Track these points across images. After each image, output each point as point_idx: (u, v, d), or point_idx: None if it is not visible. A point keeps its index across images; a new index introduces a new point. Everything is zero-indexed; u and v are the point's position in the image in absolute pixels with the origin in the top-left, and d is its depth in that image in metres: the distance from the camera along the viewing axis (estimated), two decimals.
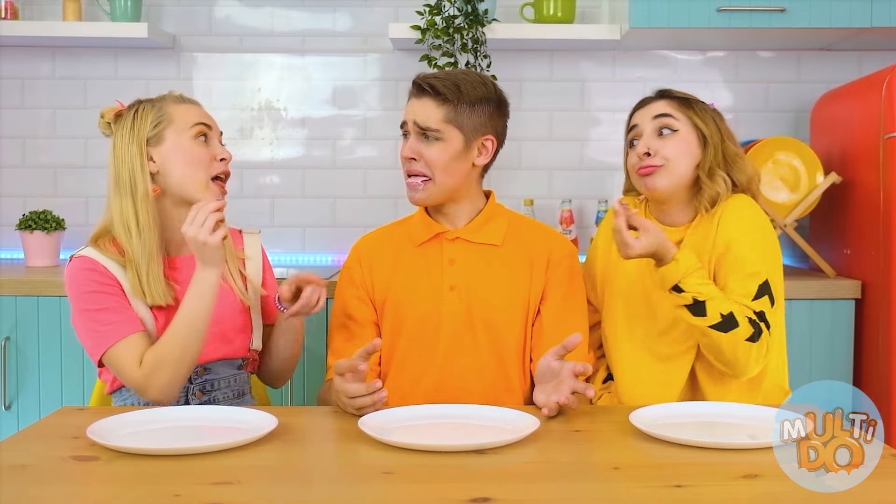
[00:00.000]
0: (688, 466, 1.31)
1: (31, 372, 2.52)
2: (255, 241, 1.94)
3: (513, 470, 1.31)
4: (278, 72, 3.06)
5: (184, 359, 1.66)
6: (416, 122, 1.83)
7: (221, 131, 1.85)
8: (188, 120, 1.77)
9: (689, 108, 1.90)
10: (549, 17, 2.84)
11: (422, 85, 1.84)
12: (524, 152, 3.05)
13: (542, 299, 1.89)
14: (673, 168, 1.86)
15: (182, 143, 1.76)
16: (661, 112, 1.89)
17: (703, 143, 1.88)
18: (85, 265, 1.73)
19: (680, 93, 1.94)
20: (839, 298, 2.54)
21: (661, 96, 1.94)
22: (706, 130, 1.88)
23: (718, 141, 1.89)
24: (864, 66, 2.99)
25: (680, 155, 1.87)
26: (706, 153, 1.87)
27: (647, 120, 1.90)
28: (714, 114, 1.92)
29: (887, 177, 2.44)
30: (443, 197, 1.88)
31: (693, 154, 1.88)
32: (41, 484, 1.25)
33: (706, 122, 1.89)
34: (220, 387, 1.82)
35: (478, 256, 1.89)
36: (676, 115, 1.89)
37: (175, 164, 1.75)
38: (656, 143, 1.87)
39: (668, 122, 1.88)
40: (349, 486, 1.26)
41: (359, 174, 3.05)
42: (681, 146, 1.87)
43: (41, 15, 3.00)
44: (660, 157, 1.86)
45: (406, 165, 1.86)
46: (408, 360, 1.87)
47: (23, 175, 3.05)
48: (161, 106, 1.79)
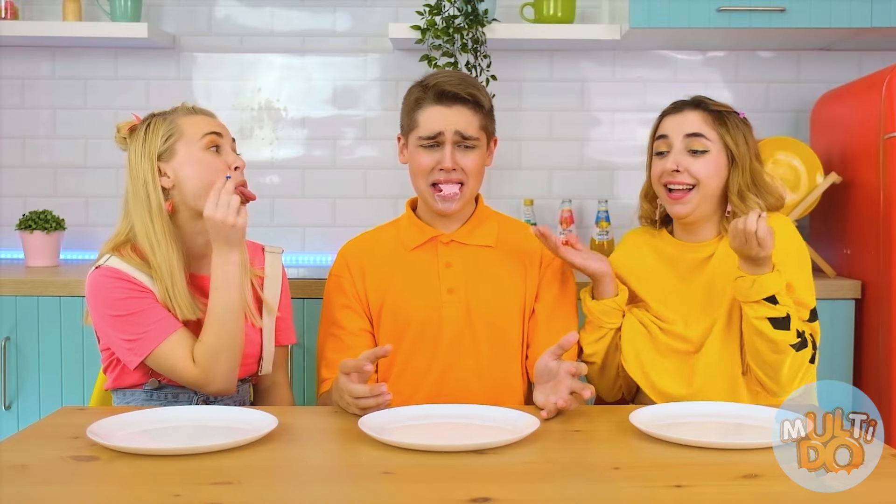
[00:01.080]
0: (688, 466, 1.31)
1: (31, 372, 2.52)
2: (277, 261, 1.90)
3: (513, 470, 1.31)
4: (278, 72, 3.06)
5: (235, 344, 1.68)
6: (459, 132, 1.82)
7: (234, 138, 1.82)
8: (198, 131, 1.75)
9: (722, 125, 1.87)
10: (549, 17, 2.84)
11: (459, 94, 1.82)
12: (524, 152, 3.05)
13: (536, 298, 1.90)
14: (702, 189, 1.85)
15: (193, 154, 1.73)
16: (693, 131, 1.86)
17: (731, 162, 1.86)
18: (111, 274, 1.70)
19: (715, 104, 1.90)
20: (839, 298, 2.53)
21: (696, 106, 1.90)
22: (736, 151, 1.86)
23: (748, 161, 1.87)
24: (864, 66, 2.99)
25: (710, 176, 1.85)
26: (734, 173, 1.86)
27: (679, 135, 1.87)
28: (745, 128, 1.89)
29: (887, 177, 2.44)
30: (469, 202, 1.89)
31: (722, 175, 1.86)
32: (41, 484, 1.26)
33: (737, 140, 1.87)
34: (223, 399, 1.79)
35: (473, 258, 1.89)
36: (709, 135, 1.86)
37: (188, 177, 1.72)
38: (686, 160, 1.85)
39: (701, 143, 1.86)
40: (349, 486, 1.26)
41: (359, 174, 3.05)
42: (710, 167, 1.85)
43: (41, 15, 3.00)
44: (689, 175, 1.85)
45: (443, 176, 1.83)
46: (409, 365, 1.86)
47: (23, 175, 3.05)
48: (172, 119, 1.77)
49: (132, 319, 1.68)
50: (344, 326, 1.88)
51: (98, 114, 3.04)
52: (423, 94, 1.85)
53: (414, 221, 1.92)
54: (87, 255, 2.98)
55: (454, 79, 1.85)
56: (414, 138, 1.86)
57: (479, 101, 1.84)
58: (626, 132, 3.05)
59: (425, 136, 1.84)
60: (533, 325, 1.89)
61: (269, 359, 1.85)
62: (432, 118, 1.83)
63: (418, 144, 1.85)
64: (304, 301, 2.38)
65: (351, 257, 1.93)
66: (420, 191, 1.89)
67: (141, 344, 1.67)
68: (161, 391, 1.76)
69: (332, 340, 1.88)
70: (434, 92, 1.83)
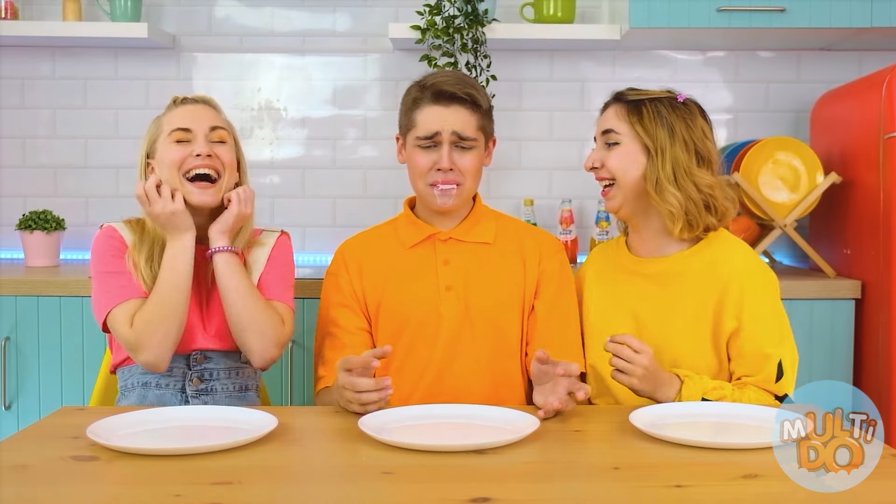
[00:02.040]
0: (688, 466, 1.31)
1: (31, 372, 2.52)
2: (271, 236, 1.93)
3: (513, 470, 1.31)
4: (278, 72, 3.06)
5: (172, 318, 1.72)
6: (456, 132, 1.82)
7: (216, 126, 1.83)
8: (168, 127, 1.82)
9: (636, 115, 1.80)
10: (549, 17, 2.84)
11: (457, 94, 1.82)
12: (524, 152, 3.05)
13: (536, 294, 1.90)
14: (621, 182, 1.82)
15: (164, 148, 1.81)
16: (606, 127, 1.84)
17: (647, 153, 1.80)
18: (107, 232, 1.84)
19: (634, 94, 1.84)
20: (839, 298, 2.53)
21: (615, 100, 1.86)
22: (649, 141, 1.79)
23: (669, 151, 1.77)
24: (864, 66, 2.99)
25: (622, 169, 1.81)
26: (650, 164, 1.79)
27: (599, 134, 1.87)
28: (675, 114, 1.80)
29: (887, 177, 2.44)
30: (467, 201, 1.89)
31: (638, 164, 1.80)
32: (41, 484, 1.25)
33: (651, 130, 1.78)
34: (219, 377, 1.82)
35: (471, 255, 1.90)
36: (618, 129, 1.81)
37: (161, 172, 1.80)
38: (602, 154, 1.84)
39: (610, 136, 1.83)
40: (349, 486, 1.26)
41: (359, 174, 3.05)
42: (620, 159, 1.81)
43: (41, 15, 3.00)
44: (605, 169, 1.83)
45: (440, 176, 1.83)
46: (407, 362, 1.86)
47: (23, 175, 3.05)
48: (160, 119, 1.86)
49: (106, 278, 1.79)
50: (341, 325, 1.88)
51: (98, 114, 3.04)
52: (420, 93, 1.85)
53: (412, 220, 1.92)
54: (87, 255, 2.97)
55: (452, 79, 1.85)
56: (412, 138, 1.86)
57: (476, 101, 1.84)
58: None
59: (422, 136, 1.84)
60: (532, 323, 1.89)
61: None
62: (429, 118, 1.83)
63: (416, 144, 1.85)
64: (305, 301, 2.38)
65: (349, 255, 1.93)
66: (418, 190, 1.89)
67: (104, 302, 1.76)
68: None
69: (330, 339, 1.88)
70: (431, 92, 1.83)
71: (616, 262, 1.93)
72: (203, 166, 1.79)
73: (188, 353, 1.81)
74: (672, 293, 1.82)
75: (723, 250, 1.81)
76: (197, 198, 1.79)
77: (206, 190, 1.80)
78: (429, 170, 1.84)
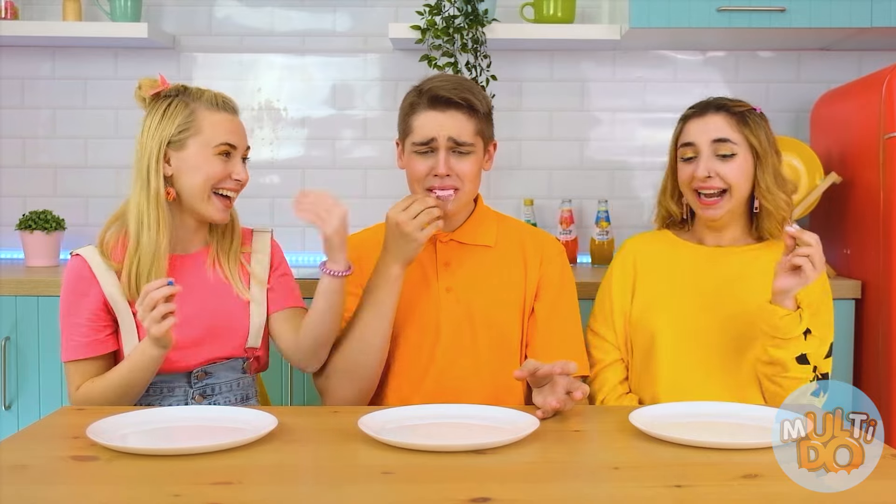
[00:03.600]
0: (688, 466, 1.31)
1: (31, 372, 2.52)
2: (265, 238, 1.92)
3: (513, 470, 1.31)
4: (278, 72, 3.06)
5: (111, 407, 1.69)
6: (453, 138, 1.81)
7: (249, 146, 1.84)
8: (214, 136, 1.76)
9: (746, 126, 1.90)
10: (549, 17, 2.84)
11: (452, 99, 1.80)
12: (524, 152, 3.05)
13: (536, 296, 1.89)
14: (735, 192, 1.89)
15: (203, 155, 1.76)
16: (720, 136, 1.89)
17: (756, 160, 1.90)
18: (76, 267, 1.76)
19: (736, 105, 1.93)
20: (839, 298, 2.53)
21: (718, 109, 1.92)
22: (760, 149, 1.89)
23: (770, 157, 1.91)
24: (864, 66, 2.99)
25: (741, 179, 1.89)
26: (759, 171, 1.90)
27: (706, 141, 1.90)
28: (764, 123, 1.93)
29: (887, 177, 2.44)
30: (466, 205, 1.88)
31: (749, 176, 1.90)
32: (41, 484, 1.25)
33: (760, 138, 1.90)
34: (221, 391, 1.81)
35: (471, 258, 1.89)
36: (734, 139, 1.90)
37: (190, 174, 1.76)
38: (716, 165, 1.89)
39: (728, 147, 1.89)
40: (349, 486, 1.26)
41: (359, 174, 3.05)
42: (740, 170, 1.89)
43: (41, 15, 3.00)
44: (720, 180, 1.88)
45: (437, 182, 1.82)
46: (407, 363, 1.86)
47: (23, 175, 3.05)
48: (194, 109, 1.77)
49: (67, 324, 1.76)
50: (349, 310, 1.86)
51: (98, 114, 3.04)
52: (417, 98, 1.84)
53: None
54: None
55: (449, 83, 1.83)
56: (409, 144, 1.85)
57: (473, 105, 1.82)
58: (626, 132, 3.05)
59: (419, 142, 1.82)
60: (532, 325, 1.89)
61: (257, 331, 1.84)
62: (426, 124, 1.82)
63: (413, 150, 1.84)
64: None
65: (352, 251, 1.93)
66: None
67: (66, 350, 1.76)
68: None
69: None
70: (427, 97, 1.82)
71: (675, 250, 1.99)
72: (234, 190, 1.80)
73: (190, 371, 1.79)
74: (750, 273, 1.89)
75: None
76: (219, 215, 1.78)
77: (228, 209, 1.81)
78: (426, 175, 1.83)
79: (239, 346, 1.83)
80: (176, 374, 1.77)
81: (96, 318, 1.75)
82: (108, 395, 1.71)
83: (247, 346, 1.84)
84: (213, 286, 1.81)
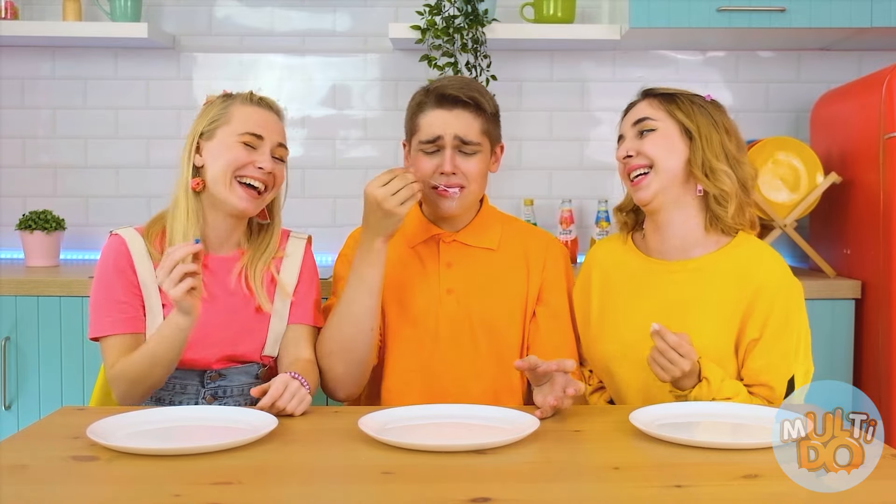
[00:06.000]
0: (688, 466, 1.31)
1: (31, 372, 2.52)
2: (300, 245, 1.90)
3: (513, 470, 1.31)
4: (278, 72, 3.06)
5: (140, 382, 1.68)
6: (459, 136, 1.80)
7: (282, 143, 1.83)
8: (242, 125, 1.77)
9: (672, 103, 1.79)
10: (549, 17, 2.84)
11: (459, 97, 1.80)
12: (524, 152, 3.05)
13: (538, 300, 1.89)
14: (659, 167, 1.76)
15: (227, 142, 1.77)
16: (639, 117, 1.81)
17: (688, 138, 1.78)
18: (115, 245, 1.77)
19: (664, 89, 1.84)
20: (839, 298, 2.54)
21: (644, 96, 1.85)
22: (690, 124, 1.77)
23: (713, 135, 1.77)
24: (864, 66, 2.99)
25: (662, 152, 1.77)
26: (694, 147, 1.76)
27: (629, 127, 1.83)
28: (709, 106, 1.81)
29: (887, 177, 2.44)
30: (472, 204, 1.88)
31: (678, 150, 1.77)
32: (41, 484, 1.25)
33: (692, 115, 1.78)
34: (232, 394, 1.80)
35: (474, 260, 1.89)
36: (654, 116, 1.80)
37: (214, 162, 1.77)
38: (636, 143, 1.80)
39: (645, 124, 1.80)
40: (349, 486, 1.26)
41: (359, 174, 3.05)
42: (660, 143, 1.77)
43: (41, 15, 3.00)
44: (642, 155, 1.78)
45: (443, 180, 1.82)
46: (406, 363, 1.86)
47: (23, 175, 3.05)
48: (230, 104, 1.80)
49: (103, 301, 1.75)
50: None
51: (98, 114, 3.04)
52: (424, 97, 1.85)
53: (420, 218, 1.92)
54: (87, 255, 2.98)
55: (457, 83, 1.84)
56: (416, 143, 1.85)
57: (480, 105, 1.82)
58: None
59: (425, 140, 1.82)
60: (534, 328, 1.88)
61: (275, 341, 1.83)
62: (433, 122, 1.82)
63: (419, 149, 1.84)
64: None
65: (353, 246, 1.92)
66: (423, 194, 1.88)
67: (98, 326, 1.75)
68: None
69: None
70: (435, 95, 1.82)
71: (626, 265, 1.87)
72: (259, 180, 1.78)
73: (203, 370, 1.78)
74: (698, 294, 1.77)
75: (755, 257, 1.77)
76: (242, 203, 1.77)
77: (252, 199, 1.78)
78: (432, 174, 1.83)
79: (254, 351, 1.82)
80: (190, 370, 1.77)
81: (133, 296, 1.75)
82: (139, 371, 1.67)
83: (263, 354, 1.83)
84: (235, 293, 1.80)
